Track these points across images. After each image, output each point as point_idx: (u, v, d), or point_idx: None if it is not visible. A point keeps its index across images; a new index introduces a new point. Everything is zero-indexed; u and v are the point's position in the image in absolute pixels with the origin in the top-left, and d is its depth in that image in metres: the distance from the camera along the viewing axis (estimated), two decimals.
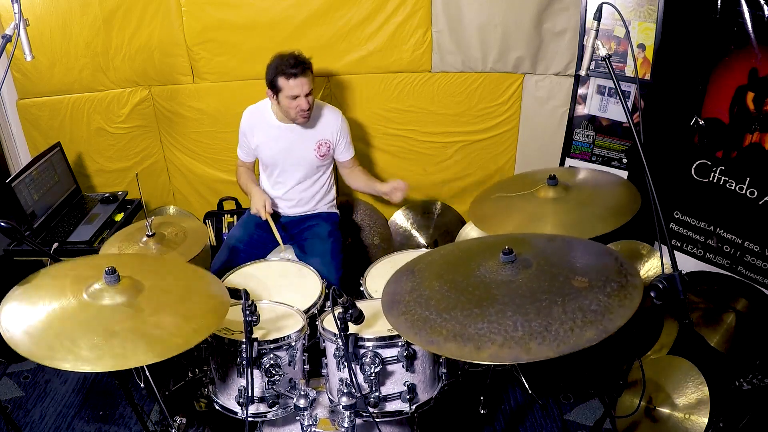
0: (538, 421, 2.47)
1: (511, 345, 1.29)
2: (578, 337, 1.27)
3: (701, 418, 2.10)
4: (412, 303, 1.52)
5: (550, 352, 1.25)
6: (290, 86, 2.45)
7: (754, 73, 2.30)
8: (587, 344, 1.26)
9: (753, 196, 2.42)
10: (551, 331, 1.29)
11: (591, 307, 1.35)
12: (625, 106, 1.72)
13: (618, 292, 1.39)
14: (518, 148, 3.23)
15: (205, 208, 3.44)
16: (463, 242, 1.88)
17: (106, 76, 3.14)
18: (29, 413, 2.57)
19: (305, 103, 2.49)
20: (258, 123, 2.68)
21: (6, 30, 1.84)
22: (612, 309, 1.34)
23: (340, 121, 2.70)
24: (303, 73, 2.44)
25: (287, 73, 2.43)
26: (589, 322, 1.31)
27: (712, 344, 2.41)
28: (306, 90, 2.47)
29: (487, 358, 1.30)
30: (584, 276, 1.47)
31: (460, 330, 1.36)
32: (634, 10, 2.57)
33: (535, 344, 1.27)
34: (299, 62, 2.44)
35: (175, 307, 1.59)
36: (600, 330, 1.29)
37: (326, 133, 2.67)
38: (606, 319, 1.31)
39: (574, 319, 1.32)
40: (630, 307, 1.35)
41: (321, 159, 2.68)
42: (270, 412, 1.87)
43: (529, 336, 1.30)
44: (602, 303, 1.36)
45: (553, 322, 1.32)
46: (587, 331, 1.29)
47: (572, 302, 1.37)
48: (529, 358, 1.26)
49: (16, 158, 3.36)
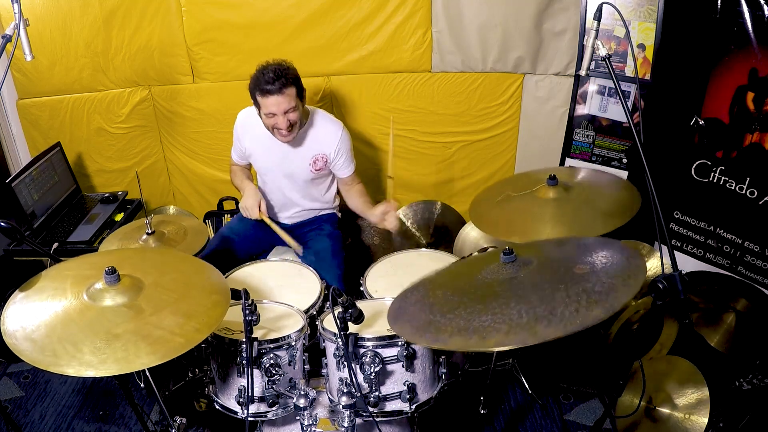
0: (538, 421, 2.47)
1: (517, 331, 1.28)
2: (584, 317, 1.26)
3: (701, 418, 2.10)
4: (417, 311, 1.51)
5: (558, 332, 1.24)
6: (266, 104, 2.28)
7: (754, 73, 2.30)
8: (594, 322, 1.25)
9: (753, 196, 2.42)
10: (557, 314, 1.28)
11: (595, 288, 1.33)
12: (625, 106, 1.72)
13: (620, 272, 1.39)
14: (518, 148, 3.23)
15: (205, 208, 3.44)
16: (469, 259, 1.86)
17: (106, 76, 3.14)
18: (29, 413, 2.57)
19: (283, 122, 2.31)
20: (251, 130, 2.54)
21: (6, 30, 1.84)
22: (616, 287, 1.33)
23: (340, 135, 2.52)
24: (280, 90, 2.24)
25: (262, 90, 2.26)
26: (594, 302, 1.29)
27: (712, 344, 2.41)
28: (284, 108, 2.28)
29: (494, 345, 1.28)
30: (586, 265, 1.46)
31: (464, 325, 1.35)
32: (634, 10, 2.57)
33: (542, 327, 1.26)
34: (278, 77, 2.24)
35: (176, 305, 1.59)
36: (606, 307, 1.27)
37: (323, 148, 2.51)
38: (611, 297, 1.30)
39: (578, 300, 1.31)
40: (634, 285, 1.33)
41: (316, 173, 2.54)
42: (270, 412, 1.87)
43: (535, 321, 1.28)
44: (606, 283, 1.35)
45: (557, 306, 1.31)
46: (594, 309, 1.27)
47: (576, 286, 1.36)
48: (536, 339, 1.24)
49: (16, 158, 3.36)
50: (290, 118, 2.33)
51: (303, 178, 2.57)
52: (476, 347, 1.30)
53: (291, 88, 2.29)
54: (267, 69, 2.28)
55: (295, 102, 2.31)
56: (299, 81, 2.35)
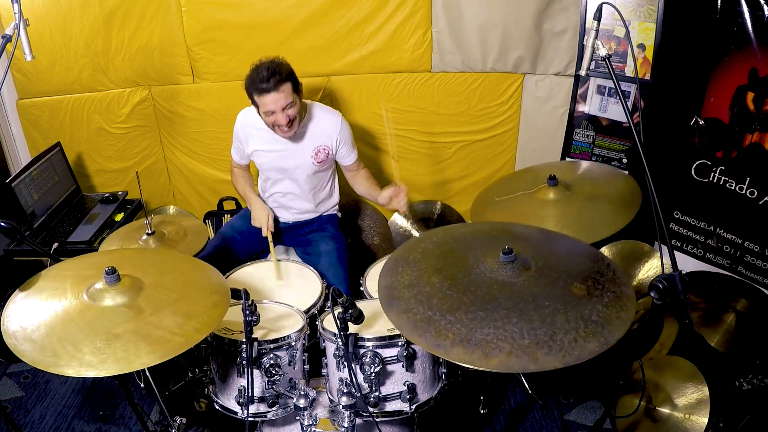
0: (538, 421, 2.47)
1: (519, 354, 1.32)
2: (582, 349, 1.32)
3: (701, 418, 2.10)
4: (413, 300, 1.52)
5: (557, 362, 1.29)
6: (264, 103, 2.29)
7: (754, 73, 2.30)
8: (590, 356, 1.31)
9: (753, 196, 2.42)
10: (556, 341, 1.33)
11: (592, 318, 1.39)
12: (625, 106, 1.72)
13: (614, 302, 1.45)
14: (518, 148, 3.23)
15: (205, 208, 3.44)
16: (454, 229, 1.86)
17: (106, 76, 3.14)
18: (29, 413, 2.57)
19: (282, 119, 2.32)
20: (252, 129, 2.54)
21: (6, 30, 1.84)
22: (610, 320, 1.40)
23: (340, 125, 2.54)
24: (276, 87, 2.25)
25: (259, 89, 2.27)
26: (591, 333, 1.35)
27: (712, 344, 2.41)
28: (282, 104, 2.29)
29: (497, 367, 1.31)
30: (582, 283, 1.50)
31: (466, 335, 1.37)
32: (634, 10, 2.57)
33: (542, 354, 1.31)
34: (272, 74, 2.24)
35: (176, 305, 1.59)
36: (601, 342, 1.34)
37: (324, 139, 2.53)
38: (606, 331, 1.37)
39: (576, 329, 1.36)
40: (626, 318, 1.41)
41: (319, 165, 2.55)
42: (270, 412, 1.87)
43: (536, 345, 1.33)
44: (601, 314, 1.41)
45: (557, 331, 1.35)
46: (590, 342, 1.33)
47: (574, 311, 1.41)
48: (537, 367, 1.29)
49: (16, 158, 3.36)
50: (289, 114, 2.33)
51: (306, 172, 2.57)
52: (479, 365, 1.32)
53: (286, 84, 2.28)
54: (260, 68, 2.28)
55: (292, 97, 2.31)
56: (294, 76, 2.35)
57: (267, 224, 2.50)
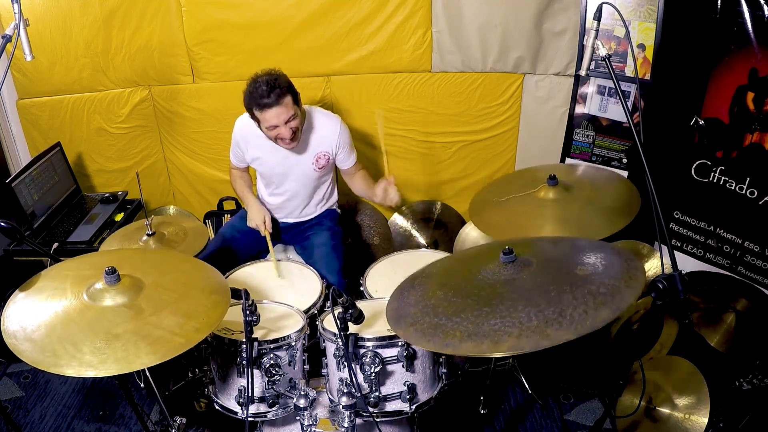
0: (538, 421, 2.47)
1: (529, 334, 1.29)
2: (593, 318, 1.28)
3: (701, 418, 2.10)
4: (419, 314, 1.51)
5: (569, 334, 1.26)
6: (266, 118, 2.27)
7: (754, 73, 2.30)
8: (603, 323, 1.27)
9: (753, 196, 2.42)
10: (566, 316, 1.30)
11: (600, 291, 1.36)
12: (625, 106, 1.72)
13: (622, 273, 1.41)
14: (518, 148, 3.23)
15: (205, 208, 3.44)
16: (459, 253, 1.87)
17: (106, 76, 3.14)
18: (29, 413, 2.57)
19: (286, 132, 2.30)
20: (252, 136, 2.52)
21: (6, 30, 1.84)
22: (620, 289, 1.36)
23: (339, 130, 2.53)
24: (277, 101, 2.22)
25: (260, 104, 2.24)
26: (601, 304, 1.32)
27: (712, 344, 2.41)
28: (284, 118, 2.27)
29: (508, 350, 1.29)
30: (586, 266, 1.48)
31: (474, 329, 1.36)
32: (634, 10, 2.57)
33: (553, 330, 1.28)
34: (272, 89, 2.21)
35: (176, 305, 1.59)
36: (613, 309, 1.30)
37: (324, 145, 2.52)
38: (617, 299, 1.33)
39: (586, 302, 1.33)
40: (636, 286, 1.36)
41: (320, 171, 2.56)
42: (270, 412, 1.87)
43: (545, 324, 1.30)
44: (609, 286, 1.37)
45: (566, 308, 1.32)
46: (601, 311, 1.30)
47: (580, 288, 1.38)
48: (549, 342, 1.26)
49: (16, 158, 3.36)
50: (292, 126, 2.32)
51: (308, 177, 2.58)
52: (489, 352, 1.30)
53: (287, 96, 2.26)
54: (259, 82, 2.25)
55: (293, 109, 2.30)
56: (293, 87, 2.33)
57: (263, 225, 2.51)
